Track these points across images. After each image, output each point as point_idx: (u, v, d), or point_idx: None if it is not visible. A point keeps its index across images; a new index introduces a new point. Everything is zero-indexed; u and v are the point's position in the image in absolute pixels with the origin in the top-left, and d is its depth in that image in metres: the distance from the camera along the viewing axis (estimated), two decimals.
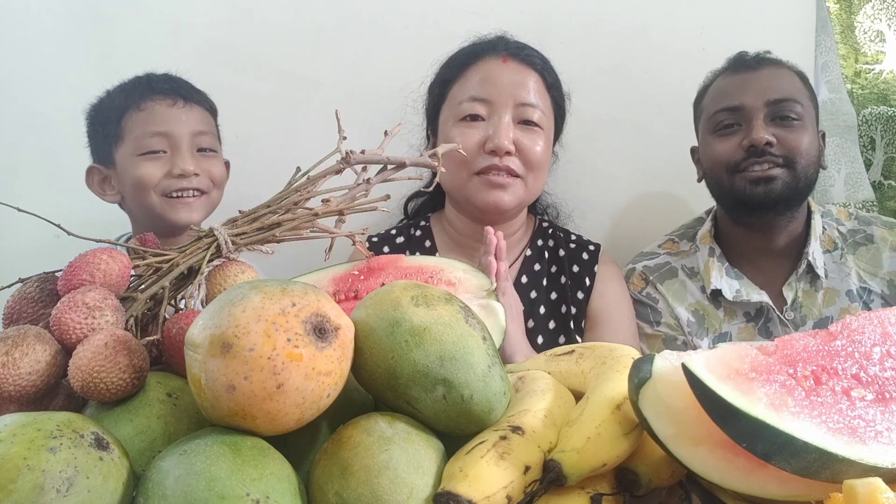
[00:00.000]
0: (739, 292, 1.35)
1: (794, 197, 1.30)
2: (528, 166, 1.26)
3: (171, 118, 1.28)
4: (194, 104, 1.32)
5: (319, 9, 1.65)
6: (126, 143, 1.28)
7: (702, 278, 1.39)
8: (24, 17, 1.65)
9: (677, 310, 1.38)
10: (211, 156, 1.33)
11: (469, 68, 1.29)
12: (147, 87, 1.30)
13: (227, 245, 0.70)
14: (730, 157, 1.30)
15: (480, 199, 1.25)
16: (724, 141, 1.32)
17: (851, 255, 1.36)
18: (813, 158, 1.30)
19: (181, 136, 1.28)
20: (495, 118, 1.24)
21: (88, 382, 0.56)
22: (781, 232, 1.35)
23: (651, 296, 1.41)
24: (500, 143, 1.22)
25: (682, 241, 1.47)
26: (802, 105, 1.30)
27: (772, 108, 1.28)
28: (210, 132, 1.34)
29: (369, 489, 0.51)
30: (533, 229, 1.42)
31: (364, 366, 0.58)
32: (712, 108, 1.35)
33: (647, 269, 1.43)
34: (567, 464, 0.54)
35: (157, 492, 0.48)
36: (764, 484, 0.52)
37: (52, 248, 1.07)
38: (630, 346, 0.70)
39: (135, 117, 1.27)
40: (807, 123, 1.30)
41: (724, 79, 1.36)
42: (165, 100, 1.29)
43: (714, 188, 1.38)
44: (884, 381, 0.55)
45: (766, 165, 1.27)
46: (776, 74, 1.32)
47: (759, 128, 1.27)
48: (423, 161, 0.83)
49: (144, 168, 1.26)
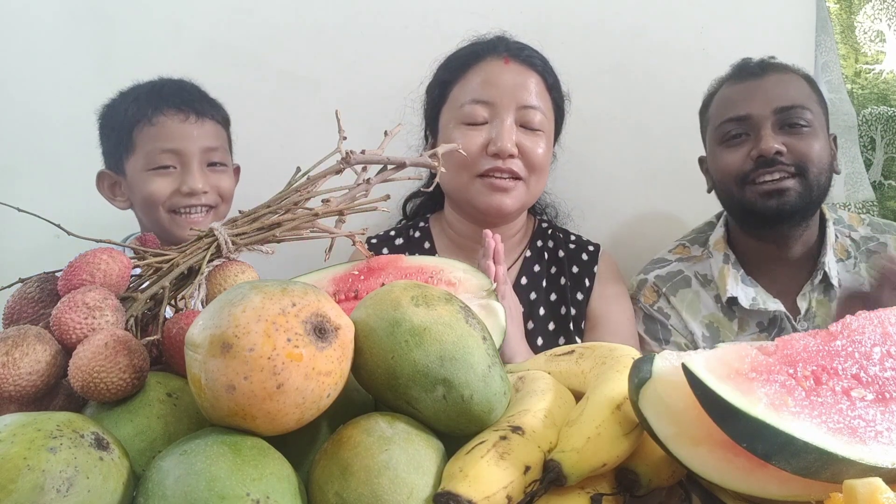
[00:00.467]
0: (756, 300, 1.32)
1: (808, 207, 1.27)
2: (530, 169, 1.26)
3: (182, 135, 1.28)
4: (206, 119, 1.32)
5: (319, 9, 1.65)
6: (137, 155, 1.28)
7: (716, 286, 1.36)
8: (24, 17, 1.65)
9: (691, 324, 1.35)
10: (221, 170, 1.33)
11: (470, 69, 1.29)
12: (160, 98, 1.29)
13: (227, 245, 0.70)
14: (739, 169, 1.27)
15: (482, 202, 1.25)
16: (732, 152, 1.29)
17: (864, 264, 1.34)
18: (825, 165, 1.27)
19: (191, 154, 1.28)
20: (498, 121, 1.24)
21: (88, 382, 0.55)
22: (796, 242, 1.32)
23: (663, 311, 1.37)
24: (504, 147, 1.21)
25: (694, 245, 1.44)
26: (811, 110, 1.26)
27: (780, 115, 1.25)
28: (221, 147, 1.34)
29: (369, 489, 0.51)
30: (532, 230, 1.42)
31: (364, 366, 0.58)
32: (718, 119, 1.32)
33: (660, 280, 1.39)
34: (567, 464, 0.54)
35: (157, 492, 0.48)
36: (764, 484, 0.52)
37: (52, 248, 1.07)
38: (630, 347, 0.70)
39: (146, 131, 1.27)
40: (817, 129, 1.26)
41: (729, 87, 1.33)
42: (178, 115, 1.28)
43: (725, 200, 1.35)
44: (884, 382, 0.55)
45: (777, 175, 1.24)
46: (782, 80, 1.29)
47: (768, 137, 1.24)
48: (423, 161, 0.83)
49: (154, 184, 1.27)
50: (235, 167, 1.42)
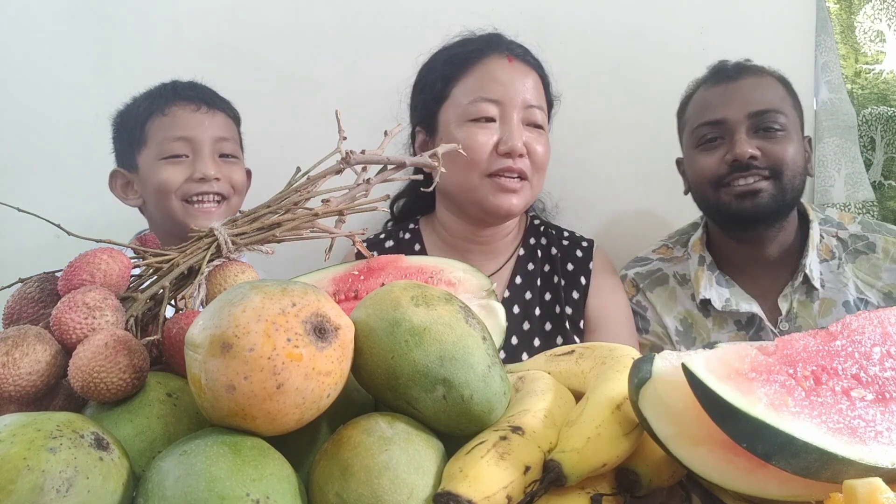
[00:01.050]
0: (729, 301, 1.34)
1: (782, 208, 1.29)
2: (535, 168, 1.26)
3: (194, 123, 1.30)
4: (218, 111, 1.34)
5: (319, 9, 1.65)
6: (149, 147, 1.30)
7: (692, 286, 1.39)
8: (24, 17, 1.65)
9: (665, 319, 1.39)
10: (232, 162, 1.35)
11: (473, 66, 1.27)
12: (172, 92, 1.32)
13: (227, 245, 0.70)
14: (714, 172, 1.29)
15: (491, 203, 1.24)
16: (707, 155, 1.30)
17: (851, 265, 1.34)
18: (799, 168, 1.28)
19: (203, 141, 1.30)
20: (507, 119, 1.23)
21: (88, 382, 0.55)
22: (772, 243, 1.34)
23: (640, 304, 1.42)
24: (515, 145, 1.21)
25: (676, 246, 1.46)
26: (786, 114, 1.27)
27: (754, 120, 1.26)
28: (232, 139, 1.36)
29: (369, 489, 0.51)
30: (525, 228, 1.41)
31: (364, 366, 0.58)
32: (694, 122, 1.33)
33: (639, 276, 1.43)
34: (567, 464, 0.54)
35: (157, 492, 0.48)
36: (764, 484, 0.52)
37: (52, 248, 1.07)
38: (630, 346, 0.70)
39: (159, 122, 1.29)
40: (791, 133, 1.27)
41: (705, 91, 1.34)
42: (189, 105, 1.31)
43: (700, 202, 1.37)
44: (884, 382, 0.55)
45: (751, 179, 1.25)
46: (757, 84, 1.29)
47: (743, 142, 1.25)
48: (423, 161, 0.83)
49: (167, 172, 1.28)
50: (247, 170, 1.42)
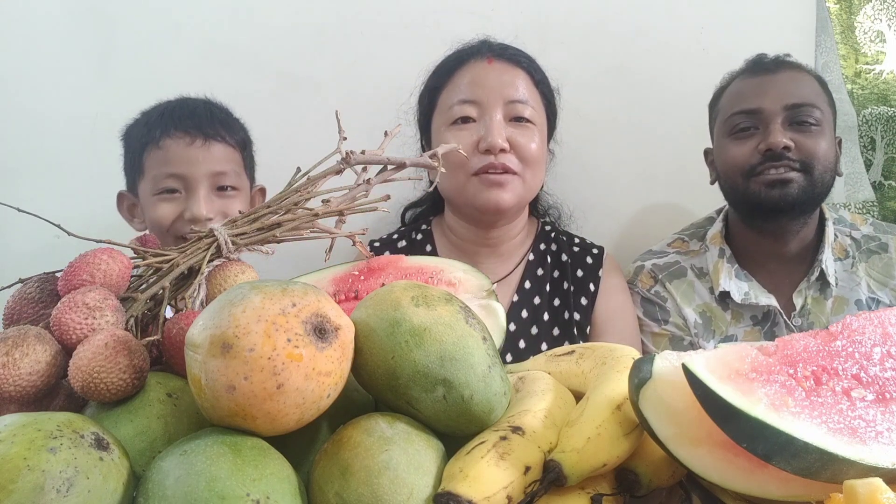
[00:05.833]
0: (748, 294, 1.34)
1: (809, 202, 1.29)
2: (525, 162, 1.26)
3: (187, 159, 1.23)
4: (215, 141, 1.26)
5: (319, 9, 1.65)
6: (146, 179, 1.26)
7: (710, 279, 1.38)
8: (24, 17, 1.65)
9: (685, 310, 1.38)
10: (231, 195, 1.28)
11: (455, 73, 1.30)
12: (168, 120, 1.25)
13: (227, 245, 0.70)
14: (746, 161, 1.28)
15: (480, 200, 1.25)
16: (740, 144, 1.30)
17: (863, 264, 1.35)
18: (830, 164, 1.28)
19: (196, 179, 1.23)
20: (486, 117, 1.24)
21: (88, 383, 0.55)
22: (793, 237, 1.34)
23: (660, 294, 1.40)
24: (494, 141, 1.22)
25: (692, 240, 1.46)
26: (821, 110, 1.28)
27: (790, 112, 1.27)
28: (231, 171, 1.28)
29: (369, 489, 0.51)
30: (535, 233, 1.41)
31: (364, 366, 0.58)
32: (729, 111, 1.33)
33: (657, 268, 1.42)
34: (567, 464, 0.54)
35: (157, 492, 0.48)
36: (764, 484, 0.52)
37: (52, 249, 1.07)
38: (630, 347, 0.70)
39: (154, 155, 1.24)
40: (825, 129, 1.28)
41: (742, 81, 1.34)
42: (184, 138, 1.24)
43: (728, 191, 1.37)
44: (884, 382, 0.55)
45: (782, 169, 1.25)
46: (795, 78, 1.30)
47: (777, 132, 1.25)
48: (423, 161, 0.83)
49: (160, 209, 1.24)
50: (259, 188, 1.38)
